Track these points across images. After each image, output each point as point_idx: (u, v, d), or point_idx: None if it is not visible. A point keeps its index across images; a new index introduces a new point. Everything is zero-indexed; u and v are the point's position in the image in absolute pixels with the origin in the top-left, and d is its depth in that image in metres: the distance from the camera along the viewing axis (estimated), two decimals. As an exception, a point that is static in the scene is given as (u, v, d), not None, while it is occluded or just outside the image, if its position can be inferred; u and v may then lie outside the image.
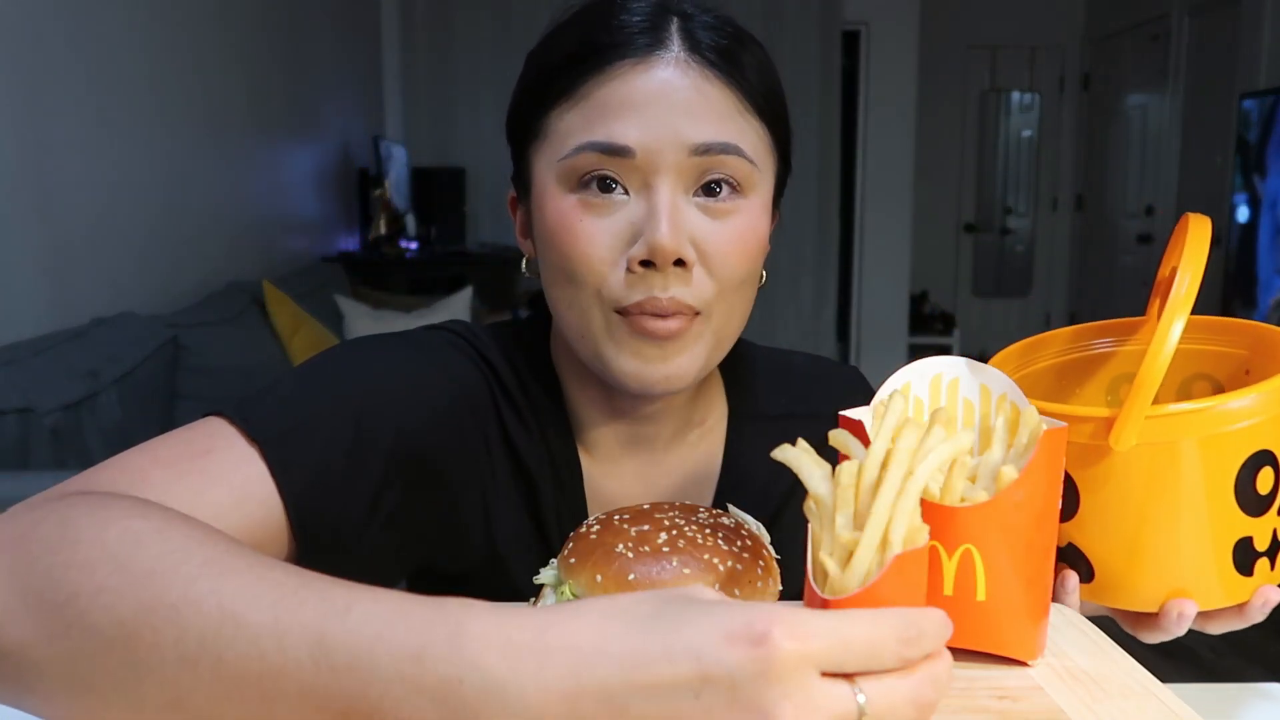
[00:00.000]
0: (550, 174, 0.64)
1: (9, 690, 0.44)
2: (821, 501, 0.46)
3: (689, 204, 0.63)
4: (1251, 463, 0.58)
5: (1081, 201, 6.57)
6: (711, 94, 0.63)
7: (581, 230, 0.62)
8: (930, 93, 5.69)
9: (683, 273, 0.63)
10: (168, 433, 0.60)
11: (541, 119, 0.65)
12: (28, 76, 2.02)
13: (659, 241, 0.60)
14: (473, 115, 4.86)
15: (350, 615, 0.40)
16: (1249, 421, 0.57)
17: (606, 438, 0.74)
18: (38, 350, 1.82)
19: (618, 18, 0.64)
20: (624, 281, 0.63)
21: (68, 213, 2.17)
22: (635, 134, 0.61)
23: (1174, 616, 0.62)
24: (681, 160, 0.62)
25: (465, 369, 0.70)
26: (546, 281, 0.67)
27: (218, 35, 3.01)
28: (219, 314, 2.55)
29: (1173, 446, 0.57)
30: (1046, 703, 0.54)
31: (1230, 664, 2.48)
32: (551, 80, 0.64)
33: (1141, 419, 0.56)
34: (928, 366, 0.61)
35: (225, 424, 0.60)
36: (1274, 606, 0.63)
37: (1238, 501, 0.59)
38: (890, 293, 5.58)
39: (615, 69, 0.62)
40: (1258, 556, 0.61)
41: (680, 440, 0.76)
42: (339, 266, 3.97)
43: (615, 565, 0.55)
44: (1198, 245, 0.59)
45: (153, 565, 0.42)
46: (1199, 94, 5.23)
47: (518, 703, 0.37)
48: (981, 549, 0.55)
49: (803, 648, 0.36)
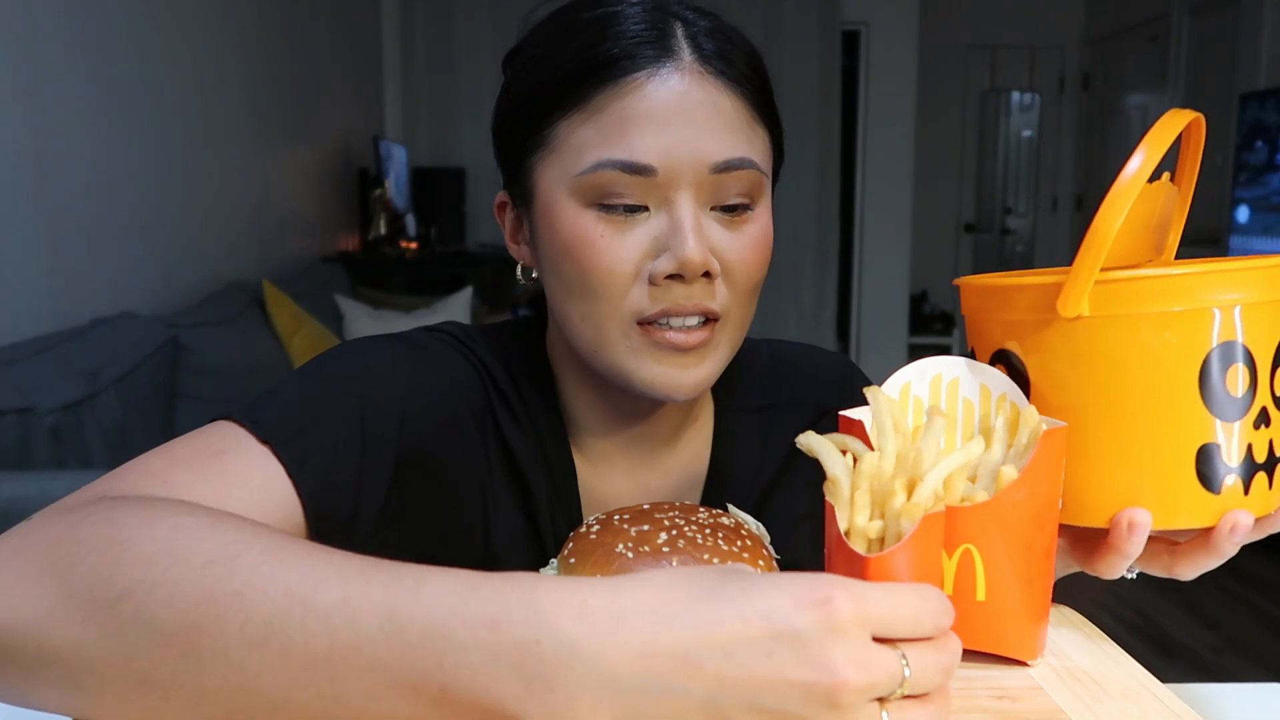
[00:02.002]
0: (562, 187, 0.63)
1: (60, 694, 0.43)
2: (838, 482, 0.50)
3: (707, 216, 0.64)
4: (1221, 353, 0.52)
5: (1081, 201, 6.57)
6: (725, 106, 0.63)
7: (603, 246, 0.62)
8: (930, 93, 5.69)
9: (707, 283, 0.64)
10: (179, 438, 0.60)
11: (547, 130, 0.64)
12: (28, 76, 2.02)
13: (688, 256, 0.61)
14: (473, 115, 4.86)
15: (422, 591, 0.40)
16: (1220, 297, 0.51)
17: (602, 439, 0.74)
18: (38, 350, 1.82)
19: (619, 25, 0.63)
20: (647, 294, 0.63)
21: (68, 213, 2.17)
22: (657, 152, 0.61)
23: (1124, 528, 0.55)
24: (702, 177, 0.62)
25: (460, 369, 0.70)
26: (557, 293, 0.67)
27: (218, 35, 3.01)
28: (219, 314, 2.55)
29: (1128, 321, 0.52)
30: (1046, 703, 0.54)
31: (1230, 664, 2.48)
32: (558, 91, 0.63)
33: (1090, 281, 0.51)
34: (928, 366, 0.61)
35: (235, 427, 0.60)
36: (1242, 536, 0.55)
37: (1203, 397, 0.52)
38: (890, 293, 5.58)
39: (629, 81, 0.61)
40: (1227, 471, 0.54)
41: (676, 439, 0.76)
42: (339, 266, 3.97)
43: (615, 565, 0.55)
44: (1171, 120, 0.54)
45: (210, 556, 0.42)
46: (1199, 94, 5.23)
47: (594, 663, 0.38)
48: (981, 549, 0.55)
49: (861, 610, 0.39)
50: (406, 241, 4.41)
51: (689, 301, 0.63)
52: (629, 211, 0.62)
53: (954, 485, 0.54)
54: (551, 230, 0.64)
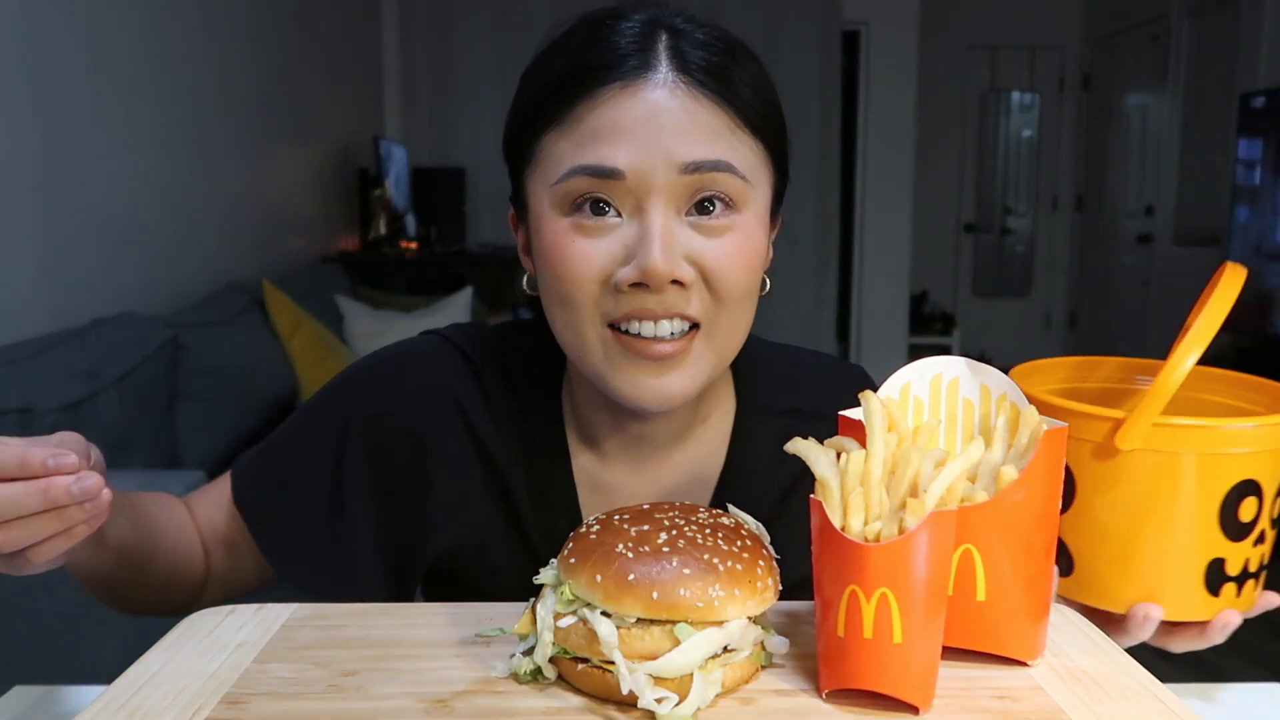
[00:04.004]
0: (545, 198, 0.65)
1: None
2: (828, 485, 0.52)
3: (681, 224, 0.64)
4: (1239, 489, 0.63)
5: (1081, 201, 6.57)
6: (701, 113, 0.63)
7: (574, 253, 0.64)
8: (930, 93, 5.69)
9: (681, 290, 0.64)
10: (217, 481, 0.79)
11: (534, 144, 0.66)
12: (30, 76, 2.03)
13: (652, 265, 0.62)
14: (473, 115, 4.86)
15: None
16: (1244, 449, 0.62)
17: (607, 438, 0.76)
18: (38, 350, 1.82)
19: (608, 39, 0.65)
20: (615, 301, 0.65)
21: (68, 213, 2.17)
22: (625, 156, 0.61)
23: (1140, 618, 0.65)
24: (673, 180, 0.62)
25: (447, 370, 0.74)
26: (545, 302, 0.69)
27: (218, 36, 3.01)
28: (219, 314, 2.55)
29: (1174, 458, 0.62)
30: (1046, 703, 0.54)
31: (1230, 664, 2.48)
32: (543, 105, 0.65)
33: (1149, 424, 0.61)
34: (928, 366, 0.61)
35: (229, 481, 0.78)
36: (1232, 631, 0.67)
37: (1220, 523, 0.63)
38: (890, 293, 5.58)
39: (604, 93, 0.63)
40: (1226, 580, 0.65)
41: (684, 437, 0.77)
42: (339, 266, 3.97)
43: (615, 565, 0.55)
44: (1228, 290, 0.63)
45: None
46: (1199, 94, 5.23)
47: None
48: (981, 549, 0.56)
49: None
50: (406, 241, 4.41)
51: (659, 306, 0.64)
52: (599, 216, 0.63)
53: (954, 486, 0.54)
54: (539, 240, 0.67)
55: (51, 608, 1.36)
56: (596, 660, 0.54)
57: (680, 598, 0.53)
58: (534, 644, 0.57)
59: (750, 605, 0.55)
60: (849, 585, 0.52)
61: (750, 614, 0.56)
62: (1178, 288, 5.39)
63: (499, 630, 0.63)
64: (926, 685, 0.53)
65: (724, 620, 0.54)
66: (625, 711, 0.54)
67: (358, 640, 0.62)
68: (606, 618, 0.54)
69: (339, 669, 0.58)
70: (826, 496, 0.53)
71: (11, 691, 0.70)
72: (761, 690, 0.56)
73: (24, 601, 1.35)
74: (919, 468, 0.53)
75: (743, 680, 0.57)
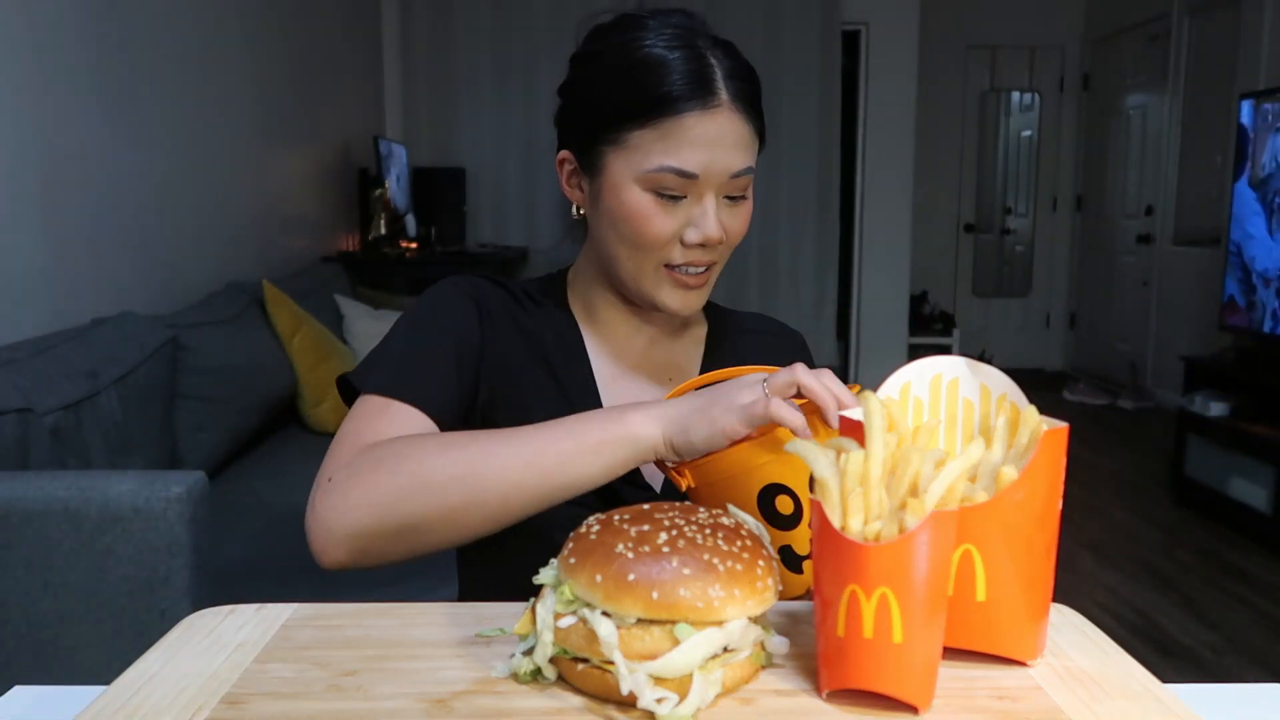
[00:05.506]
0: (628, 174, 0.90)
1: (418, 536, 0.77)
2: (828, 485, 0.53)
3: (722, 205, 0.92)
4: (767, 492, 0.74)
5: (1081, 201, 6.57)
6: (744, 133, 0.90)
7: (655, 219, 0.90)
8: (930, 93, 5.69)
9: (715, 246, 0.93)
10: (346, 421, 0.87)
11: (623, 133, 0.90)
12: (30, 76, 2.03)
13: (711, 233, 0.91)
14: (473, 115, 4.85)
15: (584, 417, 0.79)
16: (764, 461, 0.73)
17: (619, 329, 1.02)
18: (38, 350, 1.82)
19: (673, 67, 0.88)
20: (679, 252, 0.92)
21: (68, 213, 2.17)
22: (699, 164, 0.88)
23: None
24: (724, 181, 0.90)
25: (487, 289, 1.00)
26: (609, 238, 0.94)
27: (219, 36, 3.01)
28: (219, 314, 2.55)
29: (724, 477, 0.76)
30: (1046, 703, 0.54)
31: (1230, 664, 2.48)
32: (637, 112, 0.89)
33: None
34: (928, 366, 0.61)
35: (374, 397, 0.88)
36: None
37: (765, 518, 0.73)
38: (890, 293, 5.58)
39: (688, 112, 0.88)
40: (804, 558, 0.75)
41: (676, 335, 1.05)
42: (339, 266, 3.96)
43: (615, 565, 0.55)
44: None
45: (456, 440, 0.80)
46: (1199, 94, 5.23)
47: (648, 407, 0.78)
48: (981, 549, 0.56)
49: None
50: (406, 241, 4.40)
51: (704, 257, 0.93)
52: (674, 199, 0.90)
53: (954, 486, 0.54)
54: (617, 200, 0.91)
55: (52, 608, 1.36)
56: (596, 660, 0.55)
57: (680, 598, 0.53)
58: (534, 644, 0.57)
59: (750, 605, 0.55)
60: (849, 585, 0.52)
61: (750, 614, 0.56)
62: (1178, 288, 5.40)
63: (499, 630, 0.63)
64: (926, 685, 0.53)
65: (724, 620, 0.54)
66: (625, 711, 0.54)
67: (358, 640, 0.62)
68: (606, 618, 0.54)
69: (339, 669, 0.58)
70: (826, 497, 0.53)
71: (11, 691, 0.70)
72: (761, 690, 0.57)
73: (24, 601, 1.36)
74: (919, 468, 0.53)
75: (743, 680, 0.57)
